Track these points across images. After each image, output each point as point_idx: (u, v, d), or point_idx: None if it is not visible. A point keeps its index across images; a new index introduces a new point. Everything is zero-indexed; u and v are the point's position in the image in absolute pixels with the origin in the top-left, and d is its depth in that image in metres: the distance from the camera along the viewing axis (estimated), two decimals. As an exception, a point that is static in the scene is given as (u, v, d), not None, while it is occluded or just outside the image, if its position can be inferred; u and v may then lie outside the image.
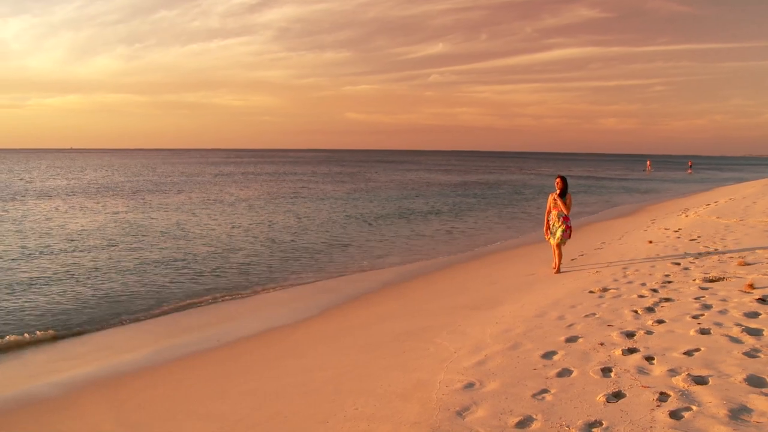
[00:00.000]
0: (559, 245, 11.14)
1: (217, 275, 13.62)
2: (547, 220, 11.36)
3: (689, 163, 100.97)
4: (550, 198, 11.32)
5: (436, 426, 4.58)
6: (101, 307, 10.88)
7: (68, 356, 8.45)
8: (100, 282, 12.76)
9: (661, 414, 4.38)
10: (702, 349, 5.75)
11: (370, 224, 23.28)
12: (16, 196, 34.11)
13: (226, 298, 11.67)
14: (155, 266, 14.50)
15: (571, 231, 11.29)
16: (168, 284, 12.68)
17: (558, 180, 11.27)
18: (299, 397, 6.03)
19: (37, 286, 12.26)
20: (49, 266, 14.28)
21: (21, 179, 52.04)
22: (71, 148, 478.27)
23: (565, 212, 11.09)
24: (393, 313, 9.69)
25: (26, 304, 10.97)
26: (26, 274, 13.34)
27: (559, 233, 11.03)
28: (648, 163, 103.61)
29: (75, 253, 16.05)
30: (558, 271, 11.09)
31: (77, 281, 12.79)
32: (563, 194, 11.15)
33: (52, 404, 6.79)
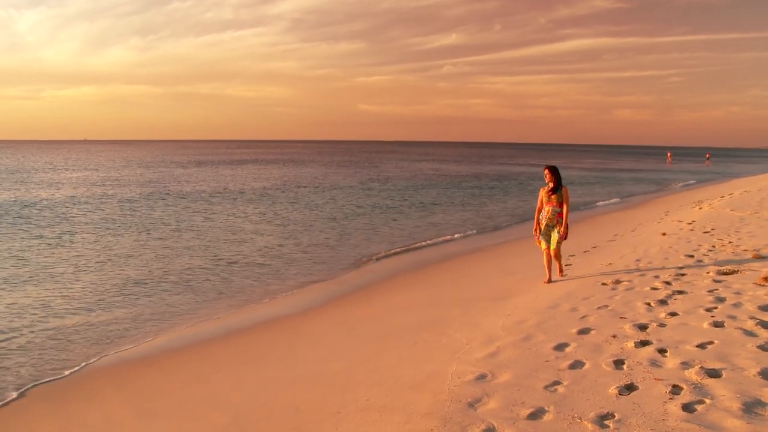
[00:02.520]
0: (555, 250, 9.49)
1: (231, 265, 13.69)
2: (538, 219, 9.65)
3: (707, 155, 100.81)
4: (541, 193, 9.64)
5: (448, 417, 4.61)
6: (116, 295, 10.99)
7: (85, 344, 8.53)
8: (115, 270, 12.90)
9: (674, 407, 4.37)
10: (715, 342, 5.72)
11: (382, 214, 23.29)
12: (39, 188, 34.47)
13: (241, 288, 11.74)
14: (168, 257, 14.61)
15: (567, 232, 9.54)
16: (181, 274, 12.78)
17: (546, 171, 9.57)
18: (312, 387, 6.08)
19: (55, 276, 12.42)
20: (67, 257, 14.43)
21: (42, 171, 52.53)
22: (85, 140, 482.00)
23: (561, 209, 9.41)
24: (405, 304, 9.72)
25: (46, 294, 11.12)
26: (43, 264, 13.51)
27: (555, 236, 9.41)
28: (669, 155, 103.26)
29: (95, 244, 16.21)
30: (549, 281, 9.55)
31: (94, 271, 12.93)
32: (557, 188, 9.46)
33: (68, 390, 6.90)
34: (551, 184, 9.51)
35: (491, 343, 6.42)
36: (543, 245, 9.56)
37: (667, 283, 8.47)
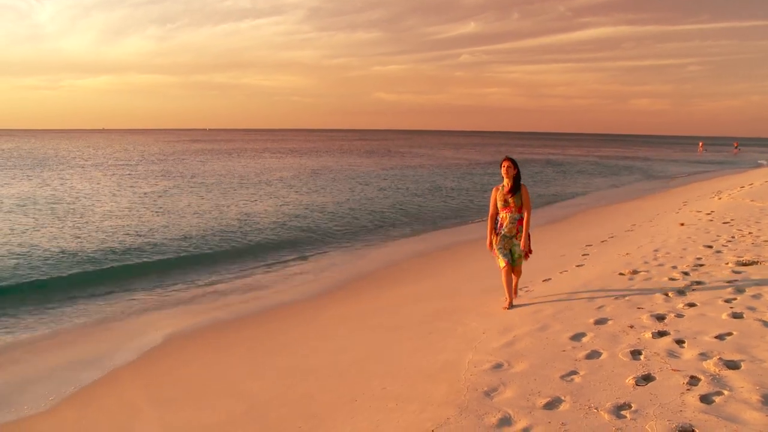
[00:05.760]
0: (516, 268, 7.52)
1: (247, 252, 13.78)
2: (492, 228, 7.47)
3: (735, 144, 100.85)
4: (495, 194, 7.42)
5: (465, 406, 4.62)
6: (130, 286, 11.11)
7: (103, 332, 8.65)
8: (131, 259, 13.04)
9: (692, 398, 4.34)
10: (734, 333, 5.67)
11: (399, 202, 23.25)
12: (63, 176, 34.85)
13: (257, 273, 11.81)
14: (180, 241, 14.72)
15: (529, 244, 7.47)
16: (197, 259, 12.90)
17: (506, 164, 7.27)
18: (327, 377, 6.11)
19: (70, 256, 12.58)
20: (83, 237, 14.60)
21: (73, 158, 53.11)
22: (102, 129, 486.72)
23: (522, 214, 7.33)
24: (421, 294, 9.72)
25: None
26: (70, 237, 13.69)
27: (517, 250, 7.40)
28: (701, 144, 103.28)
29: (110, 229, 16.37)
30: (510, 305, 7.44)
31: (116, 256, 13.08)
32: (515, 188, 7.33)
33: (89, 379, 6.99)
34: (509, 183, 7.34)
35: (508, 333, 6.42)
36: (501, 262, 7.38)
37: (685, 273, 8.39)
